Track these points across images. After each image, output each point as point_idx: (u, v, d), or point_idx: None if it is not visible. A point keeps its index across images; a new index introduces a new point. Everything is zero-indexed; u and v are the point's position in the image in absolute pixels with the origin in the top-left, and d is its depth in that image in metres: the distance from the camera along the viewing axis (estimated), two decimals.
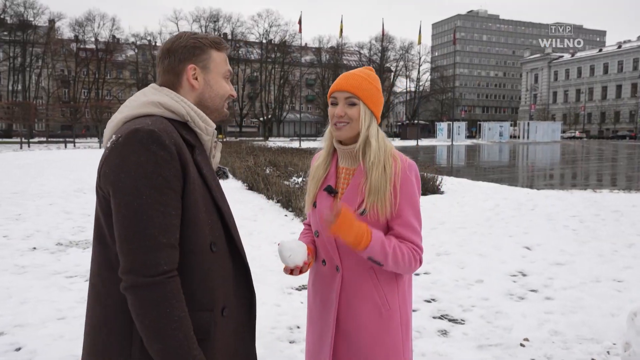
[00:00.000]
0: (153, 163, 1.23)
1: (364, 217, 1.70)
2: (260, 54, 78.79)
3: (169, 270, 1.23)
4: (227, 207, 1.44)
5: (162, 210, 1.23)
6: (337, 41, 79.34)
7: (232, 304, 1.42)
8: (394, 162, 1.74)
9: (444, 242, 6.87)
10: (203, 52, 1.45)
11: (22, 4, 65.98)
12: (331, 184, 1.82)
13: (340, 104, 1.75)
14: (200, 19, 75.56)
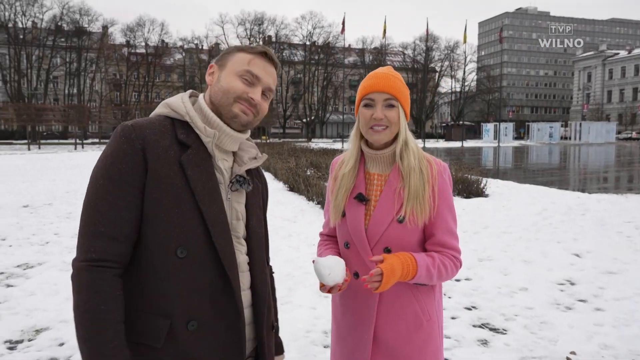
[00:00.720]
0: (114, 155, 1.27)
1: (403, 225, 1.64)
2: (303, 55, 79.30)
3: (98, 259, 1.23)
4: (215, 213, 1.32)
5: (110, 200, 1.24)
6: (380, 42, 78.90)
7: (207, 320, 1.30)
8: (429, 165, 1.70)
9: (487, 247, 6.65)
10: (228, 53, 1.45)
11: (78, 11, 69.26)
12: (361, 191, 1.73)
13: (379, 106, 1.67)
14: (245, 22, 77.04)
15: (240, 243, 1.42)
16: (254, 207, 1.49)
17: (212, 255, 1.30)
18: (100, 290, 1.21)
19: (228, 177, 1.42)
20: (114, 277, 1.24)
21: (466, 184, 11.57)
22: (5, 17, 65.68)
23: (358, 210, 1.70)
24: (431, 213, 1.66)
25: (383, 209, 1.67)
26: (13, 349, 3.62)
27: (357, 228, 1.68)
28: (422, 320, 1.69)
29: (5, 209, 9.98)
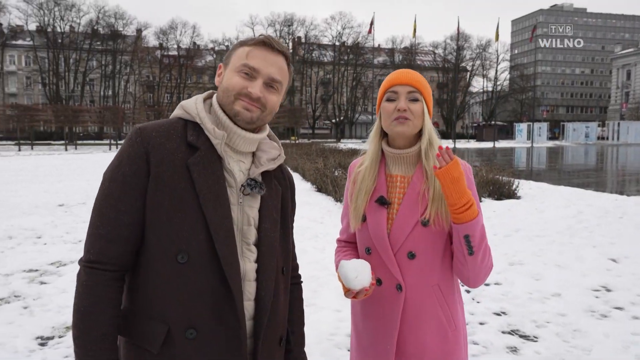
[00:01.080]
0: (120, 158, 1.28)
1: (428, 228, 1.57)
2: (333, 56, 79.29)
3: (94, 261, 1.24)
4: (220, 218, 1.27)
5: (112, 203, 1.25)
6: (410, 41, 78.22)
7: (207, 328, 1.26)
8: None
9: (518, 250, 6.47)
10: (232, 50, 1.40)
11: (113, 15, 71.14)
12: (382, 193, 1.66)
13: (402, 98, 1.61)
14: (275, 24, 77.58)
15: (250, 250, 1.36)
16: (270, 210, 1.41)
17: (214, 262, 1.25)
18: (92, 292, 1.23)
19: (242, 180, 1.36)
20: (110, 280, 1.25)
21: (497, 186, 11.32)
22: (45, 22, 68.05)
23: (380, 214, 1.64)
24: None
25: (406, 211, 1.60)
26: (44, 344, 3.71)
27: (379, 233, 1.62)
28: (448, 330, 1.62)
29: (41, 207, 10.29)
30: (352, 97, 79.72)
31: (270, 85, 1.36)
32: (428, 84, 1.67)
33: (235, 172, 1.36)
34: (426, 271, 1.61)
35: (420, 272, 1.60)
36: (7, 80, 71.27)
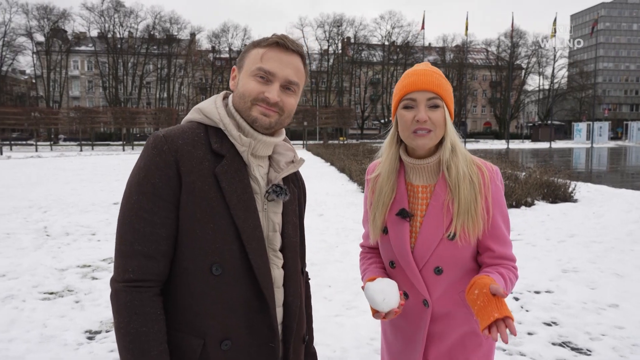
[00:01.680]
0: (146, 169, 1.20)
1: (454, 242, 1.48)
2: (382, 56, 78.69)
3: (136, 280, 1.17)
4: (251, 228, 1.24)
5: (145, 217, 1.18)
6: (462, 39, 76.43)
7: (241, 338, 1.24)
8: (480, 171, 1.52)
9: (573, 257, 6.14)
10: (245, 52, 1.34)
11: (169, 20, 73.66)
12: (403, 205, 1.55)
13: (421, 106, 1.47)
14: (324, 25, 77.76)
15: (277, 256, 1.34)
16: (290, 214, 1.39)
17: (247, 272, 1.24)
18: (140, 311, 1.16)
19: (264, 186, 1.33)
20: (154, 296, 1.19)
21: (552, 188, 10.82)
22: (106, 28, 71.36)
23: (402, 228, 1.53)
24: (485, 226, 1.50)
25: (431, 225, 1.50)
26: (91, 339, 3.84)
27: (402, 248, 1.53)
28: (481, 339, 1.55)
29: (97, 205, 10.77)
30: None
31: (287, 88, 1.32)
32: (448, 83, 1.54)
33: (259, 178, 1.33)
34: (454, 286, 1.53)
35: (448, 287, 1.53)
36: (71, 84, 75.19)
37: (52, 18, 69.11)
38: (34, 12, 68.25)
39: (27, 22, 69.56)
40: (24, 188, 14.10)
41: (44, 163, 26.59)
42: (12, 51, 69.38)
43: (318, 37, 79.22)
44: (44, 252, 6.63)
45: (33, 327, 4.03)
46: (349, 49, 78.16)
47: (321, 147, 34.78)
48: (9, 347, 3.68)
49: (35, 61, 71.12)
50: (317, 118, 57.39)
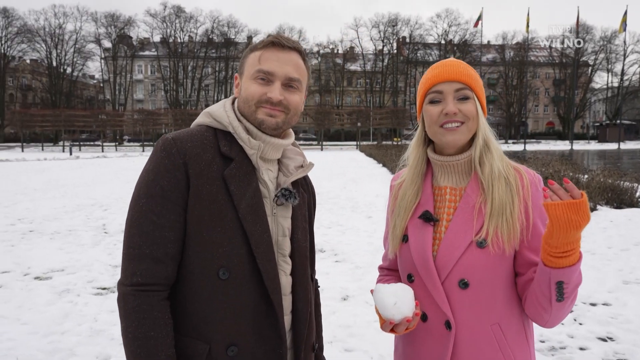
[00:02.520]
0: (155, 171, 1.20)
1: (485, 250, 1.27)
2: (438, 55, 77.14)
3: (144, 284, 1.16)
4: (260, 232, 1.22)
5: (153, 219, 1.17)
6: (523, 36, 73.59)
7: (247, 345, 1.22)
8: (518, 174, 1.34)
9: (636, 267, 5.73)
10: (243, 58, 1.34)
11: (227, 24, 75.67)
12: (428, 207, 1.37)
13: (449, 98, 1.32)
14: (379, 25, 77.27)
15: (286, 262, 1.32)
16: (300, 219, 1.37)
17: (255, 277, 1.22)
18: (148, 315, 1.15)
19: (273, 190, 1.32)
20: (162, 300, 1.18)
21: (617, 192, 10.17)
22: (167, 33, 74.27)
23: (424, 233, 1.34)
24: (523, 235, 1.28)
25: (458, 229, 1.30)
26: None
27: (422, 255, 1.33)
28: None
29: None
30: None
31: (289, 85, 1.30)
32: (477, 74, 1.38)
33: (268, 182, 1.31)
34: (483, 305, 1.30)
35: (475, 305, 1.29)
36: (135, 88, 78.75)
37: (119, 25, 72.82)
38: (102, 20, 72.24)
39: (95, 30, 73.62)
40: (89, 187, 14.89)
41: (108, 163, 28.04)
42: (82, 57, 73.74)
43: (373, 38, 78.79)
44: (101, 248, 6.96)
45: (84, 321, 4.22)
46: (404, 49, 77.18)
47: (374, 148, 34.54)
48: (60, 340, 3.87)
49: (102, 66, 75.18)
50: (370, 119, 57.05)
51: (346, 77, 78.37)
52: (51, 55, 70.24)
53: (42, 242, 7.40)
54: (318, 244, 7.26)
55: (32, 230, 8.28)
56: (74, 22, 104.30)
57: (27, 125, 50.12)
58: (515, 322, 1.33)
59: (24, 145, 50.46)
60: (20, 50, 70.81)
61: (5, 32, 68.18)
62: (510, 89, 76.52)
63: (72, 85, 73.61)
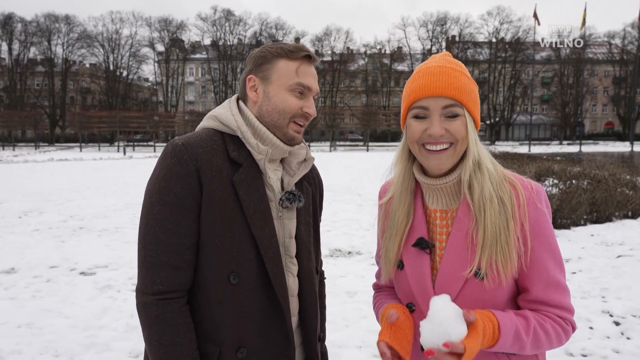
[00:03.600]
0: (167, 178, 1.19)
1: (481, 283, 1.17)
2: (489, 53, 75.09)
3: (165, 292, 1.18)
4: (268, 238, 1.24)
5: (169, 227, 1.18)
6: (580, 32, 70.42)
7: (256, 346, 1.24)
8: (514, 190, 1.20)
9: None
10: (266, 61, 1.32)
11: (274, 27, 76.63)
12: (422, 233, 1.26)
13: (435, 116, 1.17)
14: (427, 24, 76.07)
15: (293, 263, 1.35)
16: (303, 214, 1.39)
17: (263, 281, 1.24)
18: (171, 323, 1.18)
19: (279, 192, 1.33)
20: (182, 307, 1.21)
21: None
22: (217, 36, 76.06)
23: (421, 262, 1.24)
24: (521, 262, 1.18)
25: (453, 261, 1.20)
26: None
27: (422, 287, 1.23)
28: None
29: None
30: (510, 96, 74.49)
31: (314, 97, 1.36)
32: (470, 81, 1.22)
33: (274, 185, 1.32)
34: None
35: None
36: (186, 90, 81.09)
37: (171, 29, 75.14)
38: (156, 24, 74.83)
39: (150, 34, 76.65)
40: (138, 186, 15.42)
41: None
42: (137, 61, 76.55)
43: (421, 37, 77.51)
44: None
45: (122, 317, 4.35)
46: (454, 48, 75.59)
47: None
48: (98, 334, 4.00)
49: (156, 69, 77.86)
50: None
51: (393, 78, 77.61)
52: (108, 59, 73.41)
53: (90, 238, 7.71)
54: (355, 247, 7.20)
55: (82, 227, 8.66)
56: (129, 27, 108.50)
57: (85, 126, 52.60)
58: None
59: (82, 145, 53.03)
60: (80, 55, 74.36)
61: (67, 39, 71.90)
62: (566, 88, 73.46)
63: (128, 87, 76.61)
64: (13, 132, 54.93)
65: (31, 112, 59.06)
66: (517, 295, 1.24)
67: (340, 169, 23.16)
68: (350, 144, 65.10)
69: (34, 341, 3.86)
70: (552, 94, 76.11)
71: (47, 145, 62.89)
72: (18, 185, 15.36)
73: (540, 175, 14.86)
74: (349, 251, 6.95)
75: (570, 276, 5.63)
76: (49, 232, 8.21)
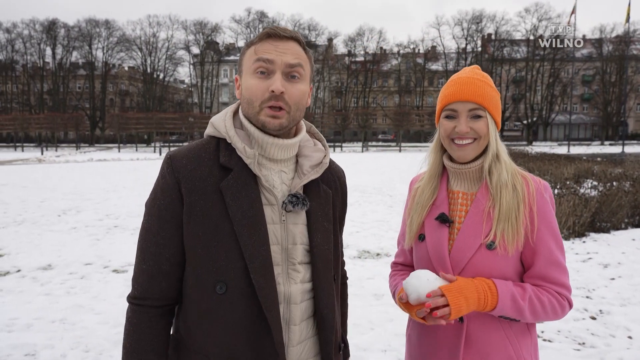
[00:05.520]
0: (155, 190, 1.25)
1: (494, 252, 1.39)
2: (527, 51, 73.24)
3: (139, 297, 1.23)
4: (256, 246, 1.19)
5: (150, 237, 1.22)
6: (623, 29, 67.83)
7: (245, 358, 1.20)
8: (525, 181, 1.45)
9: None
10: (242, 55, 1.30)
11: (307, 27, 76.87)
12: (443, 209, 1.50)
13: (462, 117, 1.45)
14: (462, 22, 74.79)
15: (296, 270, 1.27)
16: (319, 221, 1.31)
17: (251, 291, 1.19)
18: (137, 329, 1.23)
19: (285, 193, 1.27)
20: (155, 316, 1.23)
21: None
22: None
23: (440, 233, 1.47)
24: (528, 238, 1.40)
25: (469, 231, 1.43)
26: None
27: (439, 253, 1.46)
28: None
29: None
30: (548, 95, 72.42)
31: (291, 75, 1.23)
32: (493, 90, 1.48)
33: (277, 187, 1.27)
34: None
35: None
36: (220, 91, 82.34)
37: (206, 32, 76.47)
38: (192, 27, 76.19)
39: (185, 37, 78.01)
40: None
41: None
42: (173, 63, 78.24)
43: (455, 36, 76.58)
44: None
45: None
46: (489, 46, 74.06)
47: None
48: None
49: (191, 71, 79.37)
50: None
51: (427, 77, 76.66)
52: (146, 62, 75.25)
53: (124, 237, 7.90)
54: (384, 248, 7.12)
55: (116, 225, 8.89)
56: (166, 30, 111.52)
57: (124, 127, 54.11)
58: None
59: (120, 146, 54.55)
60: (119, 58, 76.58)
61: (107, 42, 74.16)
62: (608, 86, 70.92)
63: (164, 89, 78.36)
64: (56, 134, 57.03)
65: (73, 114, 61.27)
66: (522, 274, 1.45)
67: (371, 169, 23.02)
68: (383, 145, 64.67)
69: (65, 336, 3.97)
70: (593, 92, 73.64)
71: (87, 146, 65.07)
72: (59, 185, 15.93)
73: (579, 176, 14.37)
74: (377, 253, 6.87)
75: (609, 282, 5.40)
76: (85, 230, 8.46)
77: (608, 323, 4.23)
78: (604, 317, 4.37)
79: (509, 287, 1.37)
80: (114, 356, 3.62)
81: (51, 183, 16.59)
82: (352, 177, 18.62)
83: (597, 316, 4.40)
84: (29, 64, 73.05)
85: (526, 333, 1.46)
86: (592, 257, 6.49)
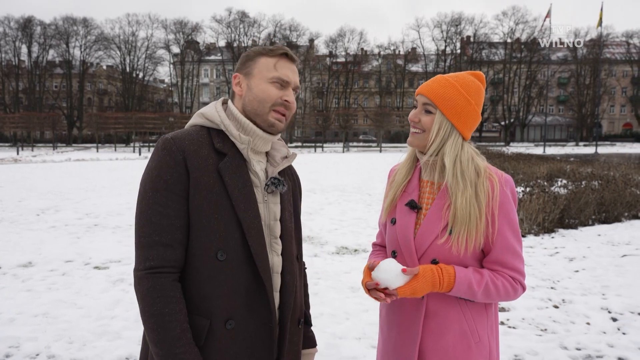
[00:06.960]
0: (158, 168, 1.34)
1: (450, 239, 1.53)
2: (504, 54, 74.46)
3: (157, 267, 1.30)
4: (251, 218, 1.38)
5: (160, 210, 1.32)
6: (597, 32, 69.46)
7: (242, 319, 1.37)
8: (491, 184, 1.53)
9: None
10: (249, 59, 1.50)
11: (289, 28, 76.89)
12: (413, 197, 1.63)
13: (418, 108, 1.61)
14: (441, 24, 75.63)
15: (277, 243, 1.48)
16: (287, 204, 1.53)
17: (247, 257, 1.38)
18: (162, 294, 1.30)
19: (264, 179, 1.48)
20: (173, 281, 1.33)
21: None
22: (232, 38, 76.60)
23: (409, 218, 1.61)
24: (489, 238, 1.52)
25: (433, 218, 1.56)
26: None
27: (405, 236, 1.60)
28: (471, 342, 1.55)
29: None
30: (525, 96, 73.77)
31: (294, 90, 1.50)
32: (457, 95, 1.54)
33: (259, 172, 1.48)
34: None
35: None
36: (201, 91, 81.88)
37: (187, 31, 75.80)
38: (172, 26, 75.51)
39: (165, 36, 77.44)
40: None
41: None
42: (153, 63, 77.35)
43: (435, 38, 77.12)
44: None
45: (132, 308, 4.53)
46: (468, 48, 75.09)
47: None
48: (110, 324, 4.19)
49: (171, 71, 78.67)
50: None
51: (407, 78, 77.38)
52: (125, 61, 74.30)
53: (105, 235, 7.95)
54: (362, 244, 7.31)
55: (96, 224, 8.91)
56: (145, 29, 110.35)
57: (102, 127, 53.38)
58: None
59: (98, 146, 53.81)
60: (97, 57, 75.36)
61: (84, 41, 72.99)
62: (583, 88, 72.55)
63: (144, 89, 77.46)
64: (32, 133, 55.95)
65: (49, 113, 60.04)
66: (482, 259, 1.58)
67: (352, 169, 23.25)
68: (364, 145, 65.07)
69: (49, 329, 4.06)
70: (568, 94, 75.23)
71: (64, 145, 63.95)
72: (36, 185, 15.76)
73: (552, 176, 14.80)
74: (355, 249, 7.07)
75: (573, 274, 5.69)
76: (64, 229, 8.47)
77: (569, 311, 4.49)
78: (566, 306, 4.63)
79: (467, 275, 1.49)
80: (97, 347, 3.73)
81: (28, 183, 16.39)
82: (333, 177, 18.81)
83: (559, 305, 4.67)
84: (3, 62, 71.45)
85: (482, 312, 1.58)
86: (559, 252, 6.79)
